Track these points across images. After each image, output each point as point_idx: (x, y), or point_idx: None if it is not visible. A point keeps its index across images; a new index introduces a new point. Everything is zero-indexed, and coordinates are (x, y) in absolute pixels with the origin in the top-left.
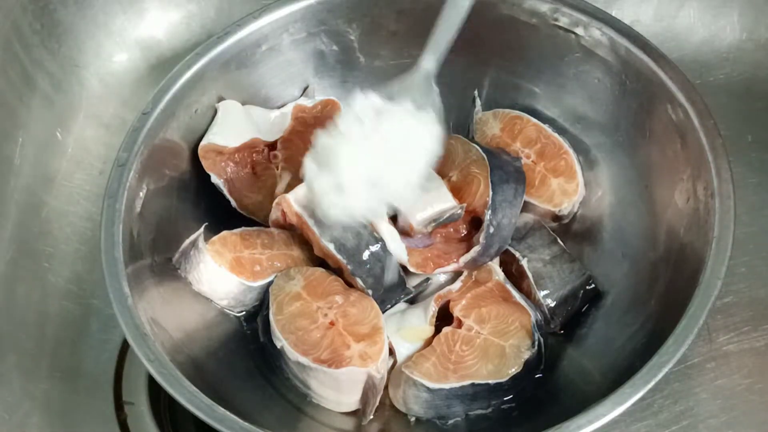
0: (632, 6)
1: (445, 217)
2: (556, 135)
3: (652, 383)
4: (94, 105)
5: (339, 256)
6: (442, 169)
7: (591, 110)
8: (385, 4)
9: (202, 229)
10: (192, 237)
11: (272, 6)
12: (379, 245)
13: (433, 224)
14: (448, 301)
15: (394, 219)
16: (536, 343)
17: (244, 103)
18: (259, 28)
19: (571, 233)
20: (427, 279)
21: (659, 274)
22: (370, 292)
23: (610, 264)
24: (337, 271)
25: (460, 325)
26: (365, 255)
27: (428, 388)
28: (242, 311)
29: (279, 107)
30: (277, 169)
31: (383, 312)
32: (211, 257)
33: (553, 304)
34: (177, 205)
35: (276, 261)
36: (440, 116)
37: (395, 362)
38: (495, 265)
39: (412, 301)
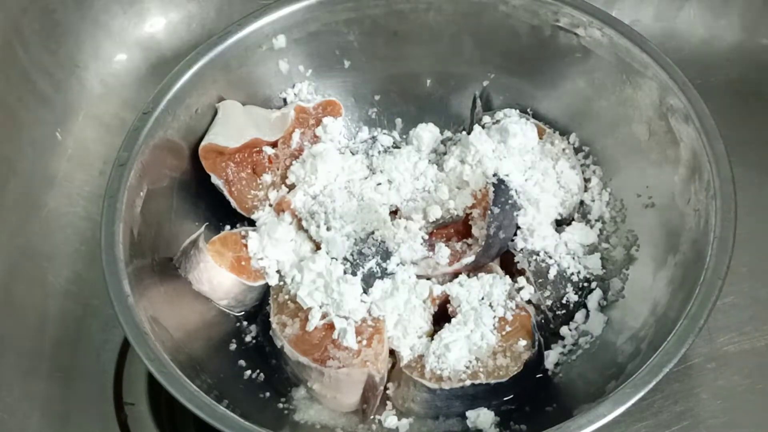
0: (632, 6)
1: (445, 218)
2: (556, 134)
3: (653, 383)
4: (94, 105)
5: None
6: None
7: (591, 110)
8: (385, 4)
9: (202, 229)
10: (192, 237)
11: (272, 6)
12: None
13: (434, 225)
14: (447, 301)
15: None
16: (536, 343)
17: (244, 103)
18: (259, 28)
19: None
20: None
21: (660, 274)
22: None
23: (611, 264)
24: None
25: None
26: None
27: (428, 389)
28: (242, 311)
29: (279, 107)
30: (278, 170)
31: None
32: (212, 257)
33: (552, 304)
34: (177, 204)
35: None
36: None
37: (396, 362)
38: (495, 265)
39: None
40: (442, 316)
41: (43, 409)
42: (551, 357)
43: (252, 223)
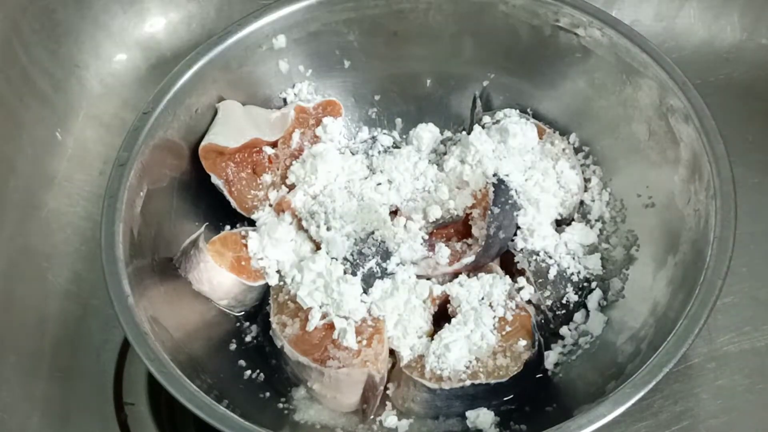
0: (632, 6)
1: (445, 218)
2: (556, 134)
3: (653, 383)
4: (94, 105)
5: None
6: None
7: (591, 110)
8: (385, 4)
9: (202, 229)
10: (192, 237)
11: (272, 6)
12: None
13: (434, 225)
14: (447, 301)
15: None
16: (536, 343)
17: (244, 103)
18: (259, 28)
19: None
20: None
21: (660, 274)
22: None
23: (611, 264)
24: None
25: None
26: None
27: (428, 389)
28: (242, 311)
29: (279, 107)
30: (278, 170)
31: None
32: (212, 257)
33: (553, 304)
34: (177, 204)
35: None
36: None
37: (396, 362)
38: (495, 265)
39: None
40: (442, 316)
41: (43, 409)
42: (551, 357)
43: (252, 223)
